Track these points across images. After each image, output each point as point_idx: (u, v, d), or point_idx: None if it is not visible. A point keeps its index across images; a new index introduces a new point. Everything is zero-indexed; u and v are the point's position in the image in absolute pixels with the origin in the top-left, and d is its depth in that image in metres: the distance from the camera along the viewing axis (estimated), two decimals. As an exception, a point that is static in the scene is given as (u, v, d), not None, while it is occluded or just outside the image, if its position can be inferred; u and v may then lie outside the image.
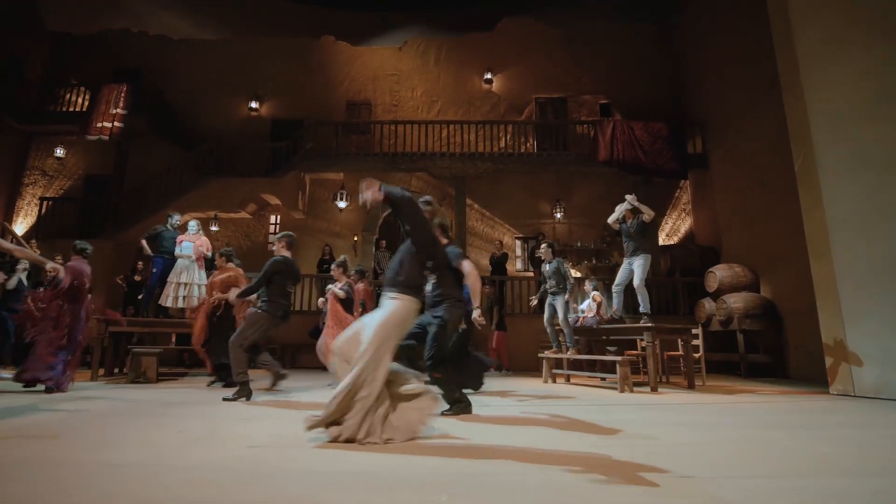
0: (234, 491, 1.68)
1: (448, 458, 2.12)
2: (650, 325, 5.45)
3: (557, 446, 2.37)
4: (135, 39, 11.83)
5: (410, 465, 2.01)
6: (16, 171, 11.16)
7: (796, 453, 2.29)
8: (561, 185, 11.06)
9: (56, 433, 2.61)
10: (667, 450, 2.30)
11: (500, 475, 1.86)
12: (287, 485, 1.75)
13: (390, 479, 1.80)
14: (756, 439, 2.61)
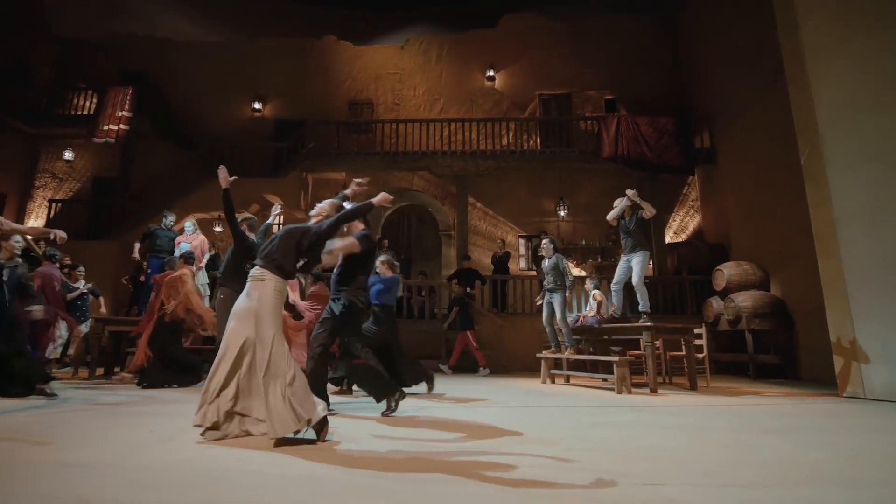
0: (171, 493, 1.62)
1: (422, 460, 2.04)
2: (649, 325, 5.29)
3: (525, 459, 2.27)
4: (140, 43, 11.95)
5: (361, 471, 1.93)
6: (26, 173, 11.38)
7: (784, 459, 2.16)
8: (565, 183, 10.89)
9: (24, 433, 2.58)
10: (641, 454, 2.18)
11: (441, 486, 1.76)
12: (228, 487, 1.68)
13: (341, 484, 1.72)
14: (744, 444, 2.47)
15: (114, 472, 1.90)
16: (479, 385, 5.94)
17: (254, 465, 2.00)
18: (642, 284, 5.83)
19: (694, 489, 1.67)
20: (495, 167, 10.29)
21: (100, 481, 1.77)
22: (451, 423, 3.06)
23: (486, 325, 8.66)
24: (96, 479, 1.78)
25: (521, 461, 2.04)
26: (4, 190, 10.85)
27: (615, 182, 10.28)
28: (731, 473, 1.90)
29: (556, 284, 6.29)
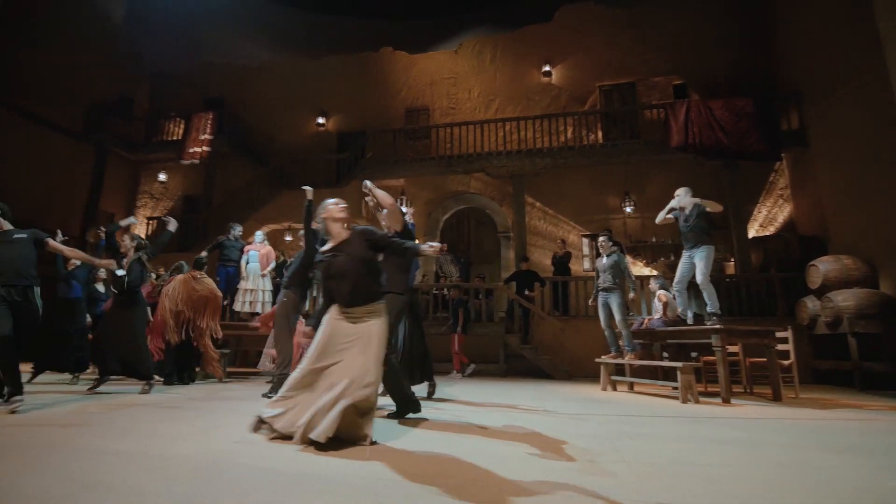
0: (192, 482, 1.67)
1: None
2: (718, 327, 4.75)
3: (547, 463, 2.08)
4: (218, 71, 13.10)
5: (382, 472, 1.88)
6: (130, 195, 12.90)
7: (848, 485, 1.79)
8: (630, 177, 10.24)
9: (84, 422, 2.85)
10: (666, 469, 1.91)
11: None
12: (238, 483, 1.71)
13: (353, 487, 1.68)
14: (806, 464, 2.10)
15: (144, 460, 2.02)
16: (533, 391, 5.70)
17: (272, 462, 2.02)
18: (709, 283, 5.27)
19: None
20: (553, 165, 9.92)
21: (129, 468, 1.89)
22: (466, 427, 2.93)
23: (546, 329, 8.34)
24: (126, 467, 1.90)
25: (521, 469, 1.87)
26: (113, 210, 12.37)
27: (687, 173, 9.51)
28: (769, 497, 1.60)
29: (615, 284, 5.91)
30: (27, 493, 1.56)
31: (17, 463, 1.91)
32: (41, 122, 10.69)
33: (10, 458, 1.99)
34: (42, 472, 1.81)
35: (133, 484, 1.70)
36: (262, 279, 7.22)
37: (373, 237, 2.75)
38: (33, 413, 3.17)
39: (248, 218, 10.67)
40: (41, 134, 10.70)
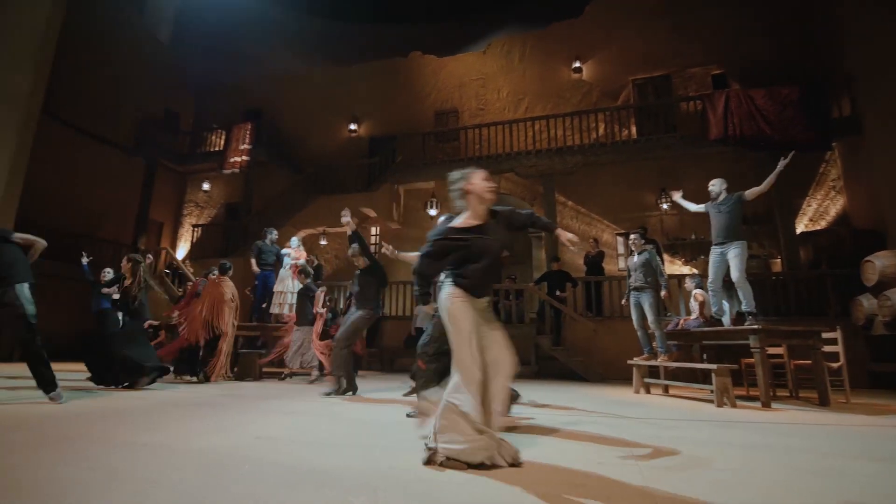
0: (194, 474, 1.76)
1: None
2: (755, 327, 4.50)
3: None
4: (256, 83, 13.65)
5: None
6: (177, 205, 13.63)
7: (877, 493, 1.66)
8: (666, 173, 9.87)
9: (121, 417, 3.04)
10: (665, 474, 1.83)
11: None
12: (248, 476, 1.78)
13: (341, 481, 1.72)
14: (836, 472, 1.96)
15: (167, 453, 2.14)
16: (562, 393, 5.60)
17: (284, 457, 2.10)
18: (745, 280, 5.02)
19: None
20: (584, 163, 9.71)
21: (151, 460, 2.00)
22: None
23: (578, 331, 8.16)
24: (149, 458, 2.02)
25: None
26: (162, 219, 13.12)
27: (728, 166, 9.08)
28: (768, 501, 1.50)
29: (646, 282, 5.73)
30: (60, 479, 1.69)
31: (55, 453, 2.07)
32: (96, 138, 11.50)
33: (51, 447, 2.16)
34: (76, 461, 1.95)
35: (150, 474, 1.80)
36: (292, 281, 7.44)
37: (518, 218, 2.43)
38: (82, 404, 3.40)
39: (284, 223, 11.03)
40: (96, 150, 11.50)
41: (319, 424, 3.05)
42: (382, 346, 9.37)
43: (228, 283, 6.03)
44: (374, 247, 7.96)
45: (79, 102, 11.00)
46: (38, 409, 3.26)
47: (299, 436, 2.67)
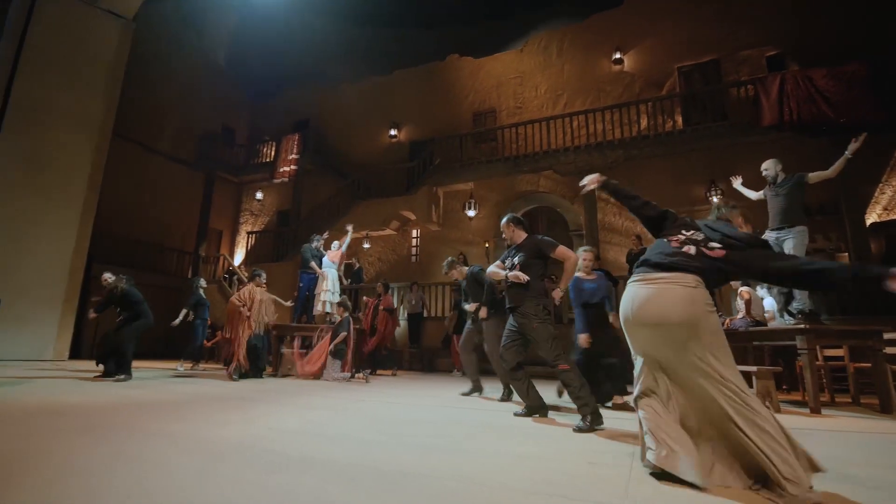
0: (200, 459, 1.91)
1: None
2: (802, 327, 4.16)
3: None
4: (304, 95, 14.32)
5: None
6: (234, 214, 14.57)
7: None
8: (716, 164, 9.30)
9: (155, 407, 3.33)
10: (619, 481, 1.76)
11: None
12: (246, 461, 1.91)
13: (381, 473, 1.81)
14: (844, 478, 1.80)
15: (185, 440, 2.34)
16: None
17: (284, 447, 2.23)
18: (800, 274, 4.62)
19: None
20: (626, 157, 9.37)
21: (169, 446, 2.20)
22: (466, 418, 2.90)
23: (620, 329, 7.87)
24: (168, 445, 2.22)
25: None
26: (221, 227, 14.07)
27: (786, 155, 8.38)
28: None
29: (684, 281, 5.45)
30: (72, 459, 1.89)
31: (78, 437, 2.31)
32: (162, 155, 12.55)
33: (81, 435, 2.41)
34: (94, 446, 2.17)
35: (156, 458, 1.98)
36: (327, 281, 7.73)
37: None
38: (124, 394, 3.75)
39: (330, 228, 11.47)
40: (162, 165, 12.56)
41: (333, 419, 3.17)
42: (422, 346, 9.50)
43: (260, 289, 6.39)
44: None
45: (146, 123, 12.06)
46: (83, 398, 3.64)
47: (310, 428, 2.80)
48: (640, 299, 1.90)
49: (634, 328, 1.95)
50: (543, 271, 3.50)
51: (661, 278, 1.89)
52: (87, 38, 9.18)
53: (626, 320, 1.98)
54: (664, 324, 1.82)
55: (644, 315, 1.88)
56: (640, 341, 1.98)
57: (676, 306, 1.81)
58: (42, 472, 1.73)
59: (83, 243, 8.83)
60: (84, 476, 1.71)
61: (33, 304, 7.97)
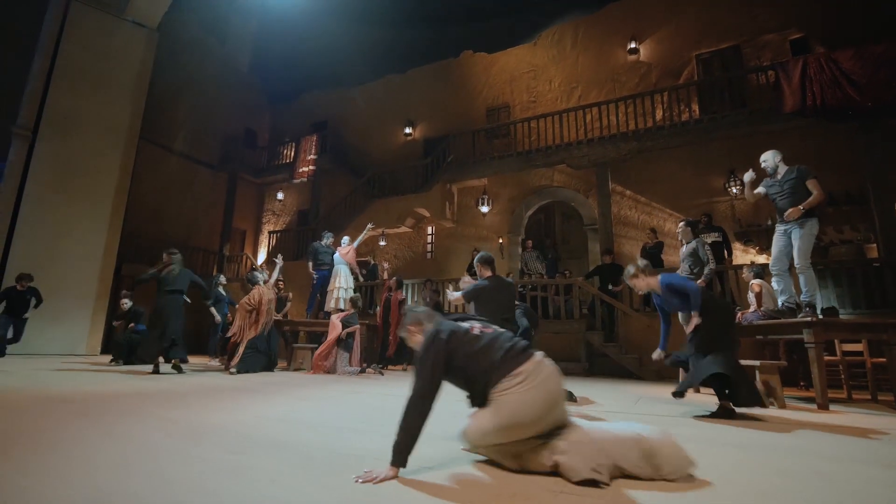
0: (187, 440, 2.04)
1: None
2: (809, 319, 4.02)
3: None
4: (322, 97, 14.61)
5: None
6: (257, 214, 15.00)
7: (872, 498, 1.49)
8: (735, 153, 9.00)
9: (165, 395, 3.51)
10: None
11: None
12: (225, 442, 2.03)
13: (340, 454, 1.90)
14: (839, 478, 1.76)
15: (180, 425, 2.48)
16: (602, 390, 5.39)
17: (274, 432, 2.34)
18: (808, 266, 4.48)
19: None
20: (640, 148, 9.17)
21: (162, 429, 2.34)
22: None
23: (633, 326, 7.74)
24: (163, 428, 2.36)
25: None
26: (244, 227, 14.52)
27: (811, 142, 8.16)
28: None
29: (692, 273, 5.38)
30: (72, 437, 2.04)
31: (84, 420, 2.48)
32: (186, 158, 13.04)
33: (79, 418, 2.58)
34: (96, 426, 2.33)
35: (144, 437, 2.12)
36: (340, 277, 7.89)
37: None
38: (131, 384, 3.97)
39: (348, 226, 11.68)
40: (187, 168, 13.05)
41: (322, 409, 3.28)
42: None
43: (264, 288, 6.59)
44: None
45: (172, 128, 12.55)
46: (95, 388, 3.86)
47: (294, 416, 2.91)
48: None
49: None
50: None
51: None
52: (114, 49, 9.64)
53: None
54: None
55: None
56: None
57: None
58: (30, 447, 1.88)
59: (113, 244, 9.30)
60: (67, 449, 1.85)
61: (67, 301, 8.45)
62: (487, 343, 1.81)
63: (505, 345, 1.81)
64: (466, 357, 1.79)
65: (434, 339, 1.80)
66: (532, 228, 11.30)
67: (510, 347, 1.80)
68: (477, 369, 1.78)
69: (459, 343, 1.81)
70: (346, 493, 1.48)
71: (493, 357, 1.77)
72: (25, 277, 7.14)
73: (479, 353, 1.79)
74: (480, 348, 1.80)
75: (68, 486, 1.45)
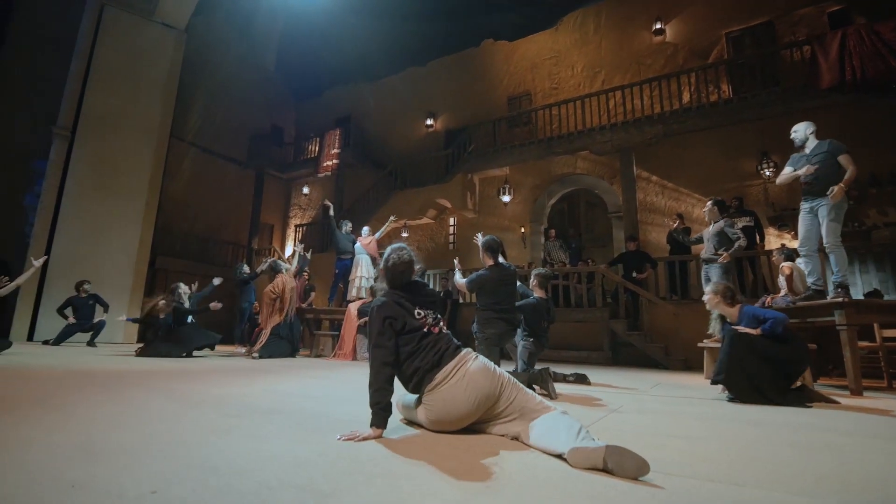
0: (190, 408, 2.11)
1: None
2: (840, 300, 3.80)
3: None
4: (345, 92, 14.77)
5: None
6: (284, 208, 15.35)
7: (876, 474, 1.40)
8: (768, 134, 8.57)
9: (181, 374, 3.64)
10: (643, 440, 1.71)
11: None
12: (224, 409, 2.09)
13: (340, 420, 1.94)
14: (851, 454, 1.67)
15: (188, 395, 2.56)
16: (621, 376, 5.27)
17: (271, 402, 2.40)
18: (838, 245, 4.22)
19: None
20: (665, 132, 8.87)
21: (171, 399, 2.43)
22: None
23: (658, 314, 7.52)
24: (170, 398, 2.45)
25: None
26: (272, 222, 14.89)
27: (848, 120, 7.68)
28: (740, 473, 1.36)
29: (716, 254, 5.21)
30: (77, 404, 2.15)
31: (96, 389, 2.60)
32: (216, 155, 13.46)
33: (94, 388, 2.71)
34: (102, 395, 2.44)
35: (149, 404, 2.21)
36: (362, 267, 7.97)
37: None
38: (155, 364, 4.13)
39: (371, 219, 11.80)
40: (216, 165, 13.48)
41: (329, 386, 3.33)
42: (457, 331, 9.58)
43: (287, 277, 6.72)
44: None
45: (202, 126, 12.97)
46: (119, 367, 4.04)
47: (299, 391, 2.96)
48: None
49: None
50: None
51: None
52: (144, 50, 10.02)
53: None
54: None
55: None
56: None
57: None
58: (43, 407, 1.98)
59: (147, 238, 9.70)
60: (73, 410, 1.95)
61: (106, 292, 8.83)
62: (423, 345, 1.83)
63: (438, 347, 1.83)
64: (407, 354, 1.83)
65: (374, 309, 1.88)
66: (555, 217, 11.13)
67: (442, 350, 1.82)
68: (409, 367, 1.82)
69: (398, 324, 1.84)
70: (325, 448, 1.49)
71: (425, 359, 1.80)
72: (84, 283, 7.50)
73: (415, 353, 1.82)
74: (416, 349, 1.83)
75: (65, 436, 1.52)
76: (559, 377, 4.11)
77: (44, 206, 8.72)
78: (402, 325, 1.82)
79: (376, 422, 1.67)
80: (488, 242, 3.83)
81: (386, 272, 2.01)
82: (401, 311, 1.84)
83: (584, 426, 1.52)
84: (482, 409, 1.74)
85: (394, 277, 1.98)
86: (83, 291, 7.46)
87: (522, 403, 1.72)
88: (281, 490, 1.08)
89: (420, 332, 1.84)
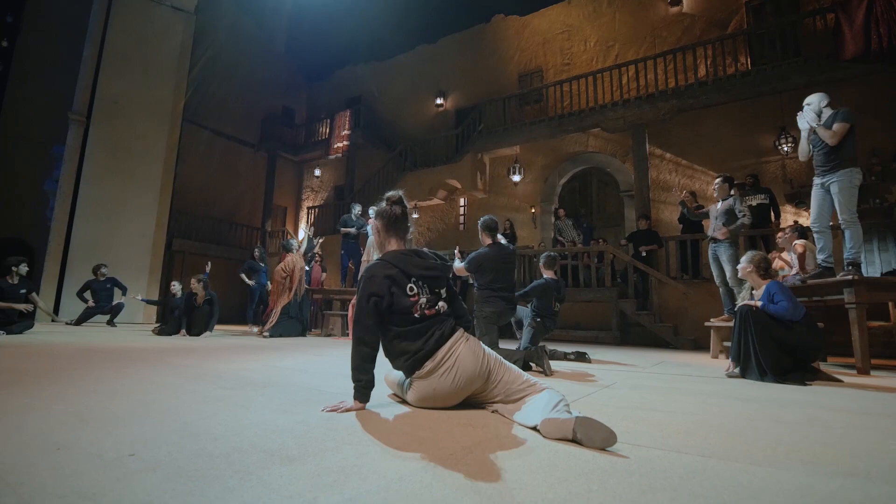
0: (189, 380, 2.20)
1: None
2: (850, 278, 3.71)
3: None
4: (355, 72, 14.67)
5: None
6: (296, 191, 15.47)
7: (865, 445, 1.40)
8: (788, 108, 8.23)
9: (190, 351, 3.77)
10: (626, 413, 1.73)
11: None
12: (221, 381, 2.18)
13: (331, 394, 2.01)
14: (816, 423, 1.66)
15: (189, 369, 2.66)
16: (626, 354, 5.26)
17: (259, 375, 2.48)
18: (854, 221, 4.10)
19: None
20: (679, 107, 8.62)
21: (174, 372, 2.54)
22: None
23: (668, 294, 7.44)
24: (173, 371, 2.56)
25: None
26: (285, 204, 15.04)
27: (873, 92, 7.37)
28: (711, 446, 1.37)
29: (726, 230, 5.10)
30: (83, 374, 2.25)
31: (105, 363, 2.72)
32: (229, 138, 13.58)
33: (105, 361, 2.83)
34: (110, 367, 2.55)
35: (150, 375, 2.30)
36: (375, 252, 8.04)
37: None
38: (169, 342, 4.28)
39: (380, 199, 11.82)
40: (229, 147, 13.61)
41: (330, 362, 3.41)
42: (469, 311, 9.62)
43: (296, 257, 6.82)
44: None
45: (214, 109, 13.06)
46: (134, 344, 4.19)
47: (302, 367, 3.04)
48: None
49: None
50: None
51: None
52: (155, 34, 10.08)
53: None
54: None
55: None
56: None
57: None
58: (50, 379, 2.09)
59: (163, 220, 9.92)
60: (76, 382, 2.05)
61: (124, 274, 9.12)
62: (414, 330, 1.77)
63: (430, 332, 1.77)
64: (396, 334, 1.79)
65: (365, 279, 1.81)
66: (566, 197, 10.99)
67: (436, 336, 1.76)
68: (398, 346, 1.80)
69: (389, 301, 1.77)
70: (306, 417, 1.55)
71: (415, 343, 1.76)
72: (101, 266, 7.74)
73: (404, 336, 1.77)
74: (405, 332, 1.77)
75: (64, 404, 1.61)
76: (559, 355, 4.13)
77: (62, 191, 8.96)
78: (389, 304, 1.74)
79: (358, 396, 1.71)
80: (486, 222, 3.87)
81: (380, 218, 1.96)
82: (389, 286, 1.74)
83: (565, 400, 1.54)
84: (469, 391, 1.76)
85: (388, 223, 1.92)
86: (100, 275, 7.69)
87: (509, 384, 1.74)
88: (251, 453, 1.13)
89: (410, 317, 1.76)
